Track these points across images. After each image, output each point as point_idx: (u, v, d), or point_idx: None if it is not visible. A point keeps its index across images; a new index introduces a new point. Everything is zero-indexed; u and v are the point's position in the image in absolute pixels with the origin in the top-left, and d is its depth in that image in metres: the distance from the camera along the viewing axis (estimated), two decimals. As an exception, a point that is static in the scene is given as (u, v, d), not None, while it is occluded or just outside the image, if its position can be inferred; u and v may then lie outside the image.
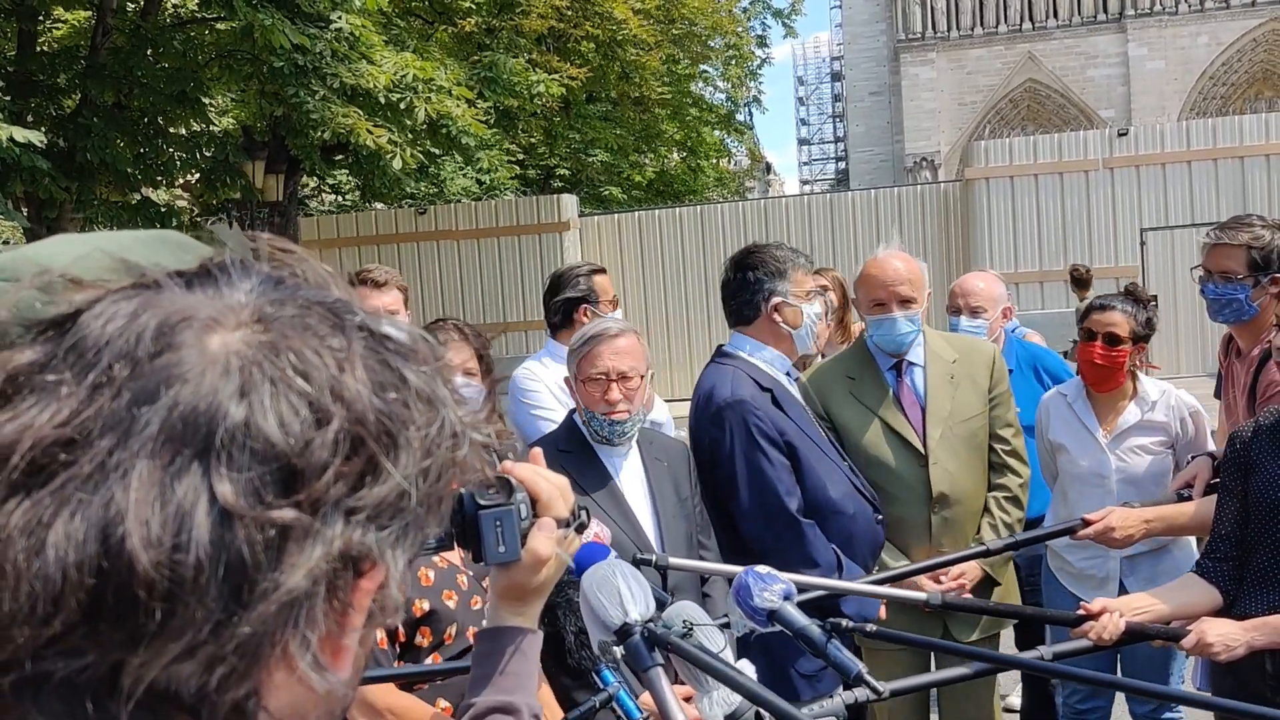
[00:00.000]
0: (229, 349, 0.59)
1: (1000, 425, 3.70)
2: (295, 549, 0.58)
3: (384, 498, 0.61)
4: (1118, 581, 3.76)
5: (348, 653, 0.63)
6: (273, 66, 11.26)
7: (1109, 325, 3.70)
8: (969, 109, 43.42)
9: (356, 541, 0.60)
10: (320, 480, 0.59)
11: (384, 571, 0.63)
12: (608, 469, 3.07)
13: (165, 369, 0.58)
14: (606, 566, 1.67)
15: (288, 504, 0.58)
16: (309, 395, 0.59)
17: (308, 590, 0.58)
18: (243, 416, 0.57)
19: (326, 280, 0.68)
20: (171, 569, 0.55)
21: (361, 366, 0.62)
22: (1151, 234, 15.77)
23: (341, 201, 22.14)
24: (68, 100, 12.44)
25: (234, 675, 0.57)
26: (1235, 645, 2.77)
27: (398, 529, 0.63)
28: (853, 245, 16.69)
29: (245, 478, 0.57)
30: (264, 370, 0.59)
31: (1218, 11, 41.15)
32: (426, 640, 2.44)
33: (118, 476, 0.56)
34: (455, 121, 12.51)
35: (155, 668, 0.56)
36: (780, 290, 3.47)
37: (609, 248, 17.27)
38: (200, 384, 0.58)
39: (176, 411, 0.57)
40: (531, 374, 4.18)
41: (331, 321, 0.64)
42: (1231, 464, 3.02)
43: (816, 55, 66.84)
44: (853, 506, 3.39)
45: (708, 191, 28.97)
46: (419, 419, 0.64)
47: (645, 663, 1.62)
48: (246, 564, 0.56)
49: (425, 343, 0.68)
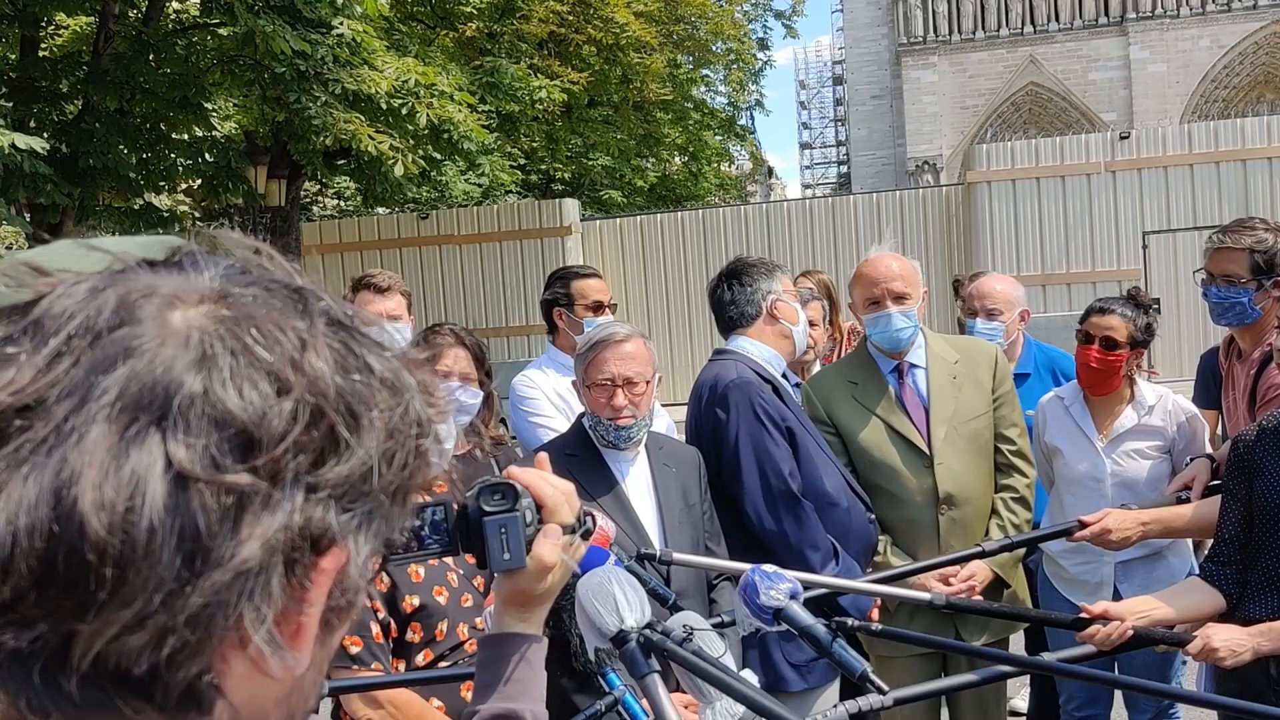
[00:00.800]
0: (190, 323, 0.59)
1: (1006, 426, 3.71)
2: (252, 518, 0.57)
3: (347, 476, 0.61)
4: (1112, 587, 3.76)
5: (305, 634, 0.62)
6: (275, 72, 11.27)
7: (1106, 329, 3.69)
8: (971, 112, 43.40)
9: (318, 519, 0.60)
10: (278, 447, 0.58)
11: (345, 555, 0.62)
12: (614, 473, 3.08)
13: (124, 340, 0.58)
14: (602, 573, 1.67)
15: (244, 469, 0.57)
16: (269, 366, 0.59)
17: (263, 561, 0.58)
18: (201, 386, 0.57)
19: (292, 273, 0.68)
20: (124, 533, 0.54)
21: (324, 346, 0.62)
22: (1154, 237, 15.74)
23: (343, 206, 22.16)
24: (70, 106, 12.46)
25: (186, 650, 0.57)
26: (1241, 651, 2.76)
27: (361, 514, 0.62)
28: (855, 249, 16.66)
29: (202, 444, 0.56)
30: (224, 343, 0.59)
31: (1219, 15, 41.13)
32: (418, 636, 2.47)
33: (72, 442, 0.55)
34: (457, 126, 12.52)
35: (104, 637, 0.55)
36: (775, 290, 3.55)
37: (610, 252, 17.27)
38: (159, 354, 0.57)
39: (135, 380, 0.56)
40: (530, 382, 4.18)
41: (296, 304, 0.64)
42: (1235, 468, 3.02)
43: (818, 59, 66.89)
44: (846, 501, 3.41)
45: (709, 196, 28.98)
46: (382, 402, 0.64)
47: (642, 669, 1.62)
48: (201, 530, 0.56)
49: (389, 337, 0.68)
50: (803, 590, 1.90)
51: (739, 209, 18.77)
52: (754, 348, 3.54)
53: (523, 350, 15.78)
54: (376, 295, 4.03)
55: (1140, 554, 3.77)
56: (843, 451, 3.63)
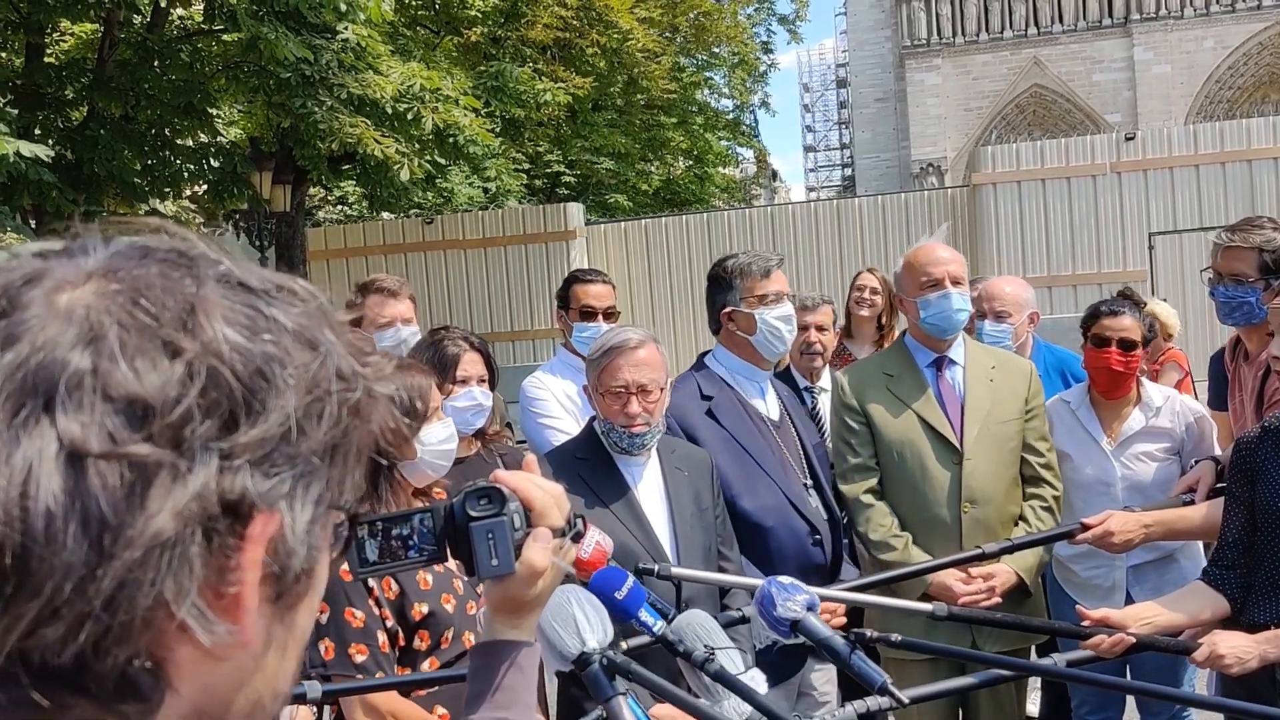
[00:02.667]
0: (76, 301, 0.58)
1: (1036, 438, 3.69)
2: (160, 491, 0.55)
3: (263, 439, 0.59)
4: (1124, 591, 3.73)
5: (243, 605, 0.60)
6: (279, 78, 11.28)
7: (1123, 330, 3.67)
8: (975, 114, 43.35)
9: (238, 486, 0.58)
10: (174, 412, 0.56)
11: (277, 520, 0.60)
12: (625, 478, 3.06)
13: (8, 328, 0.56)
14: (560, 594, 1.62)
15: (140, 438, 0.55)
16: (158, 334, 0.57)
17: (177, 534, 0.55)
18: (90, 363, 0.55)
19: (193, 242, 0.65)
20: (20, 522, 0.52)
21: (219, 307, 0.60)
22: (1160, 238, 15.70)
23: (348, 212, 22.17)
24: (75, 112, 12.48)
25: (109, 635, 0.54)
26: (1248, 658, 2.74)
27: (290, 477, 0.60)
28: (860, 251, 16.64)
29: (95, 419, 0.55)
30: (111, 315, 0.57)
31: (1223, 15, 41.06)
32: (425, 644, 2.45)
33: None
34: (462, 131, 12.52)
35: (15, 632, 0.53)
36: (730, 299, 3.58)
37: (615, 256, 17.25)
38: (42, 335, 0.56)
39: (19, 366, 0.55)
40: (539, 383, 4.19)
41: (187, 270, 0.62)
42: (1238, 471, 3.00)
43: (821, 62, 66.86)
44: (774, 520, 3.39)
45: (714, 199, 28.96)
46: (297, 358, 0.61)
47: (606, 692, 1.58)
48: (104, 510, 0.54)
49: (307, 290, 0.66)
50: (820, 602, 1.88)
51: (744, 212, 18.75)
52: (724, 359, 3.63)
53: (528, 355, 15.77)
54: (389, 298, 4.05)
55: (1152, 557, 3.75)
56: (870, 443, 3.61)
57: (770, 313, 3.54)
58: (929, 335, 3.66)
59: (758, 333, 3.54)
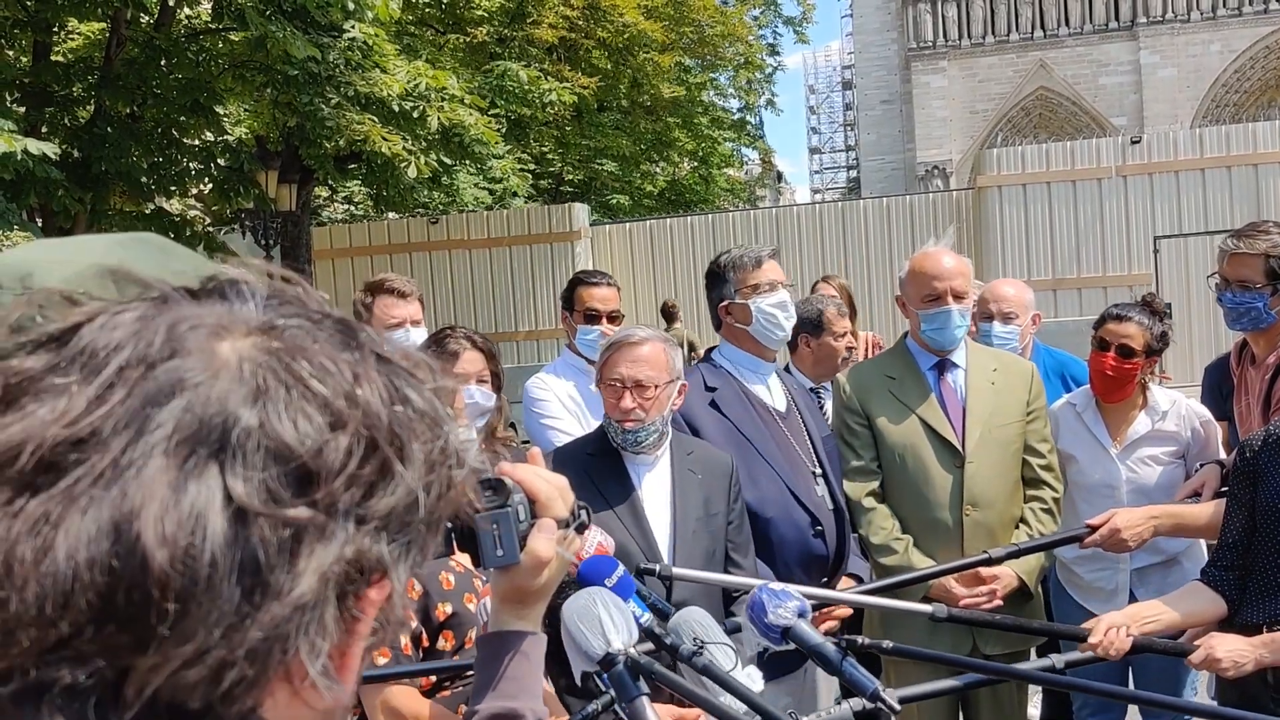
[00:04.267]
0: (240, 354, 0.59)
1: (1037, 440, 3.69)
2: (308, 551, 0.57)
3: (394, 508, 0.61)
4: (1128, 593, 3.73)
5: (351, 665, 0.63)
6: (287, 75, 11.30)
7: (1124, 337, 3.67)
8: (981, 117, 43.31)
9: (368, 550, 0.60)
10: (336, 482, 0.58)
11: (390, 586, 0.62)
12: (631, 477, 3.05)
13: (177, 370, 0.57)
14: (587, 595, 1.65)
15: (303, 503, 0.57)
16: (324, 399, 0.59)
17: (319, 594, 0.57)
18: (257, 419, 0.57)
19: (326, 305, 0.68)
20: (186, 567, 0.54)
21: (376, 378, 0.62)
22: (1165, 241, 15.68)
23: (354, 211, 22.19)
24: (82, 111, 12.50)
25: (242, 683, 0.56)
26: (1244, 662, 2.76)
27: (403, 543, 0.63)
28: (865, 253, 16.66)
29: (260, 477, 0.56)
30: (277, 375, 0.59)
31: (1229, 19, 40.99)
32: (449, 644, 2.45)
33: (131, 474, 0.55)
34: (468, 130, 12.53)
35: (164, 672, 0.54)
36: (726, 293, 3.62)
37: (620, 256, 17.27)
38: (214, 387, 0.57)
39: (191, 412, 0.56)
40: (543, 384, 4.20)
41: (343, 335, 0.64)
42: (1240, 473, 3.01)
43: (827, 64, 66.84)
44: (774, 510, 3.39)
45: (719, 200, 28.95)
46: (423, 434, 0.64)
47: (631, 693, 1.61)
48: (260, 563, 0.56)
49: (427, 366, 0.68)
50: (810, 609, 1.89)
51: (748, 213, 18.77)
52: (729, 353, 3.66)
53: (532, 355, 15.78)
54: (399, 300, 4.05)
55: (1156, 560, 3.75)
56: (871, 445, 3.62)
57: (764, 301, 3.56)
58: (929, 345, 3.68)
59: (754, 322, 3.56)
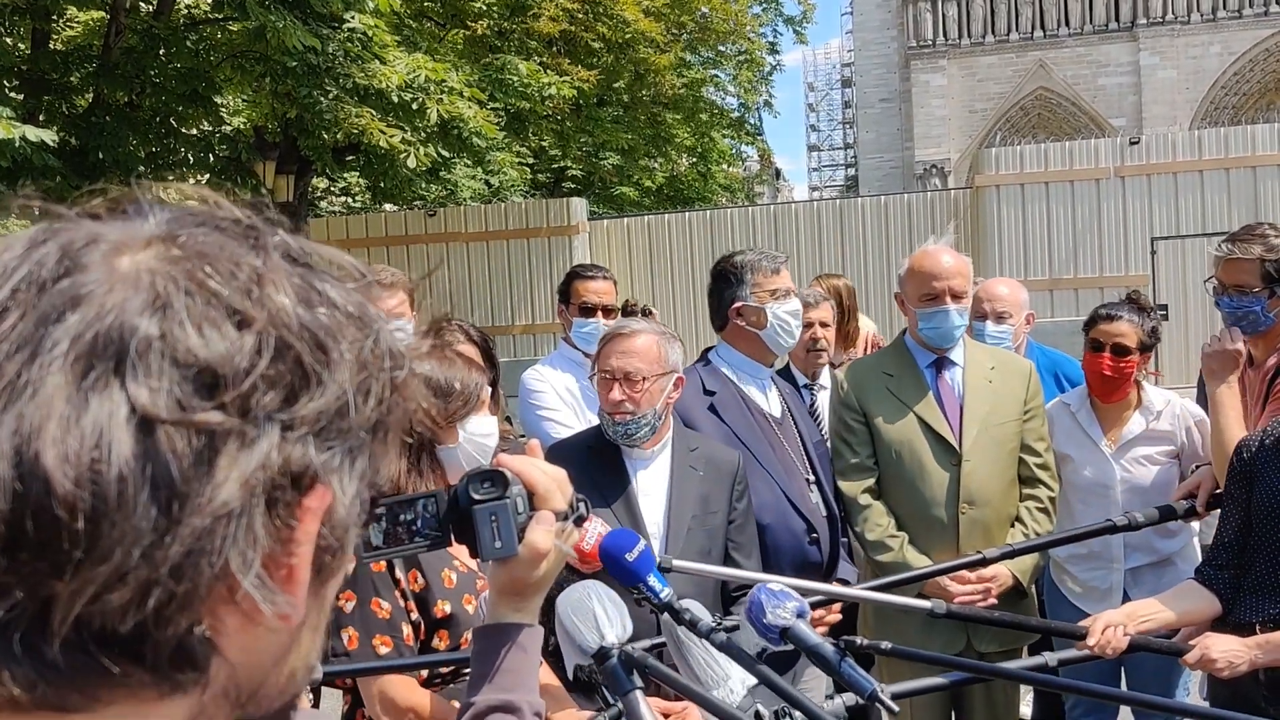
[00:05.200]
0: (139, 265, 0.57)
1: (1034, 439, 3.70)
2: (227, 459, 0.55)
3: (321, 411, 0.59)
4: (1121, 593, 3.74)
5: (297, 577, 0.60)
6: (286, 66, 11.28)
7: (1117, 336, 3.68)
8: (979, 116, 43.33)
9: (297, 456, 0.58)
10: (245, 383, 0.56)
11: (330, 493, 0.60)
12: (627, 471, 3.04)
13: (72, 289, 0.56)
14: (581, 588, 1.66)
15: (212, 407, 0.55)
16: (226, 302, 0.57)
17: (244, 503, 0.56)
18: (157, 328, 0.55)
19: (243, 213, 0.65)
20: (93, 485, 0.52)
21: (284, 279, 0.60)
22: (1162, 243, 15.69)
23: (351, 203, 22.17)
24: (80, 99, 12.48)
25: (173, 603, 0.54)
26: (1239, 662, 2.77)
27: (341, 450, 0.61)
28: (863, 251, 16.65)
29: (165, 385, 0.54)
30: (177, 282, 0.57)
31: (1230, 21, 41.02)
32: (444, 644, 2.43)
33: (28, 395, 0.53)
34: (467, 123, 12.51)
35: (84, 597, 0.52)
36: (740, 294, 3.61)
37: (618, 252, 17.25)
38: (109, 299, 0.55)
39: (87, 328, 0.54)
40: (539, 376, 4.22)
41: (249, 239, 0.62)
42: (1237, 473, 3.02)
43: (827, 62, 66.84)
44: (770, 517, 3.40)
45: (717, 197, 28.94)
46: (350, 334, 0.62)
47: (624, 687, 1.61)
48: (174, 475, 0.54)
49: (354, 267, 0.66)
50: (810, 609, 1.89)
51: (746, 210, 18.74)
52: (727, 355, 3.64)
53: (529, 349, 15.76)
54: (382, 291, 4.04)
55: (1150, 560, 3.77)
56: (868, 442, 3.63)
57: (781, 307, 3.58)
58: (926, 343, 3.68)
59: (768, 327, 3.57)
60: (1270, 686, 2.85)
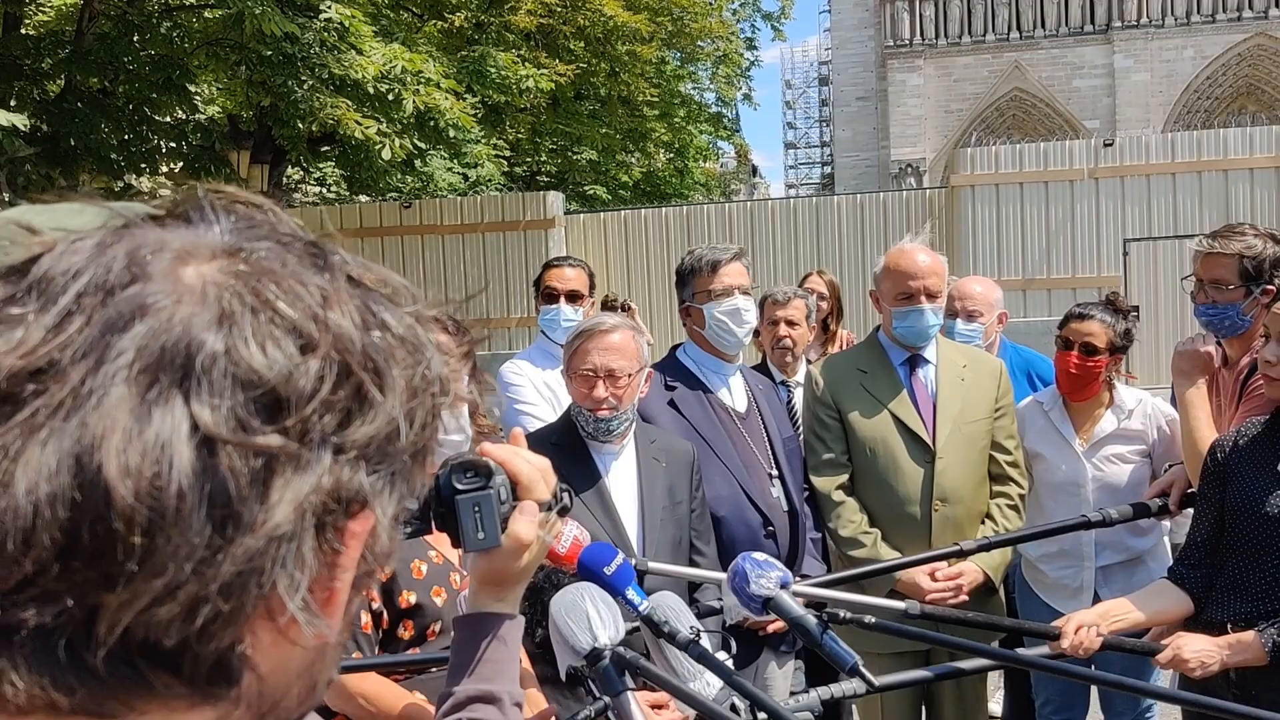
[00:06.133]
0: (205, 278, 0.57)
1: (1004, 436, 3.73)
2: (281, 481, 0.55)
3: (373, 436, 0.59)
4: (1092, 592, 3.76)
5: (337, 600, 0.60)
6: (261, 55, 11.19)
7: (1086, 335, 3.70)
8: (955, 117, 43.53)
9: (347, 480, 0.58)
10: (307, 408, 0.56)
11: (373, 518, 0.60)
12: (597, 466, 3.05)
13: (138, 297, 0.55)
14: (575, 590, 1.66)
15: (273, 430, 0.55)
16: (293, 323, 0.57)
17: (295, 526, 0.56)
18: (223, 345, 0.55)
19: (298, 228, 0.65)
20: (152, 499, 0.52)
21: (348, 301, 0.60)
22: (1135, 244, 15.82)
23: (326, 194, 22.03)
24: (52, 85, 12.34)
25: (219, 620, 0.54)
26: (1211, 663, 2.79)
27: (386, 475, 0.60)
28: (838, 249, 16.70)
29: (228, 404, 0.54)
30: (243, 299, 0.56)
31: (1203, 25, 41.37)
32: (409, 634, 2.41)
33: (92, 404, 0.52)
34: (443, 115, 12.45)
35: (133, 609, 0.52)
36: (684, 296, 3.70)
37: (594, 246, 17.23)
38: (176, 312, 0.55)
39: (153, 339, 0.54)
40: (517, 369, 4.22)
41: (314, 259, 0.62)
42: (1211, 473, 3.04)
43: (804, 59, 66.95)
44: (726, 510, 3.42)
45: (694, 193, 28.95)
46: (403, 360, 0.62)
47: (616, 688, 1.62)
48: (231, 494, 0.53)
49: (406, 291, 0.66)
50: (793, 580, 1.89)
51: (723, 206, 18.77)
52: (692, 351, 3.70)
53: (504, 343, 15.73)
54: None
55: (1121, 558, 3.80)
56: (842, 438, 3.64)
57: (716, 308, 3.60)
58: (900, 341, 3.69)
59: (707, 327, 3.61)
60: (1240, 685, 2.88)
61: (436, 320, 3.19)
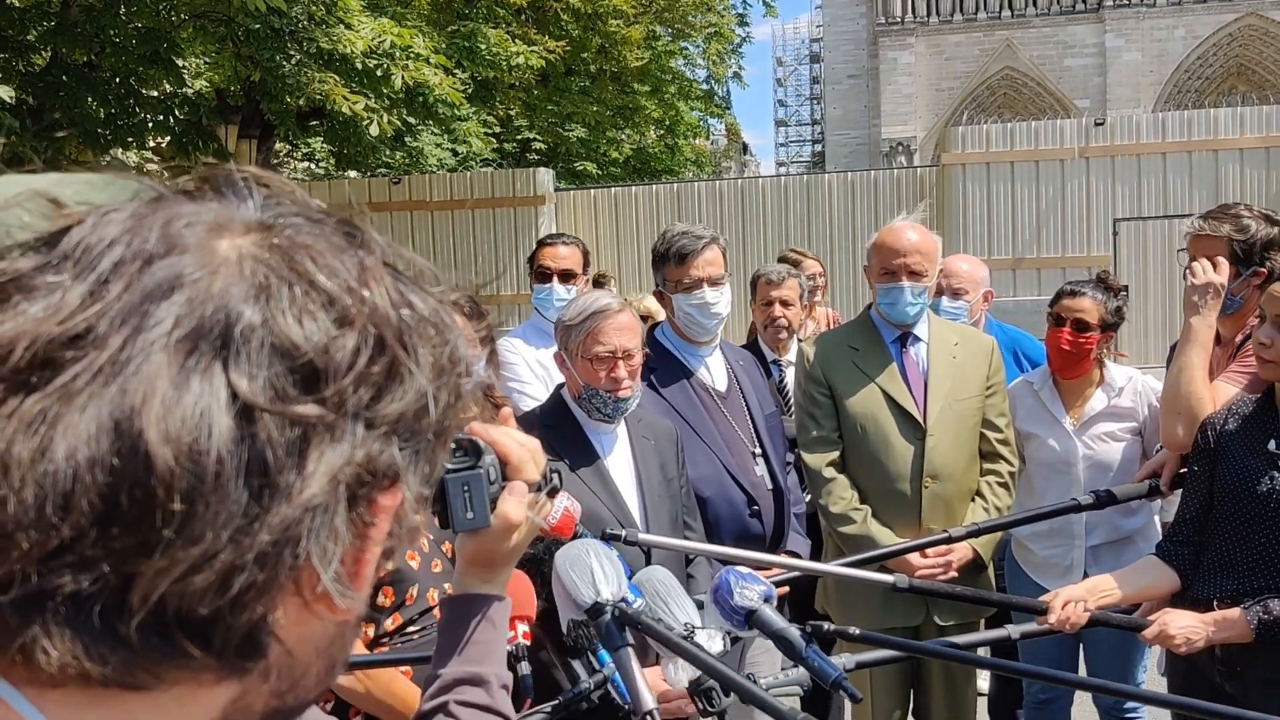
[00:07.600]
0: (240, 251, 0.57)
1: (995, 414, 3.74)
2: (317, 452, 0.56)
3: (403, 412, 0.60)
4: (1082, 571, 3.78)
5: (364, 574, 0.61)
6: (248, 29, 11.09)
7: (1077, 311, 3.71)
8: (946, 95, 43.45)
9: (379, 453, 0.58)
10: (344, 380, 0.57)
11: (400, 495, 0.61)
12: (595, 446, 3.04)
13: (174, 266, 0.55)
14: (580, 545, 1.66)
15: (311, 400, 0.56)
16: (330, 295, 0.58)
17: (329, 497, 0.56)
18: (260, 316, 0.55)
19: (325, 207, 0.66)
20: (191, 466, 0.52)
21: (384, 278, 0.61)
22: (1124, 224, 15.86)
23: (315, 170, 21.92)
24: (38, 58, 12.22)
25: (252, 590, 0.55)
26: (1196, 639, 2.81)
27: (412, 451, 0.61)
28: (828, 227, 16.71)
29: (266, 374, 0.54)
30: (279, 272, 0.57)
31: (1194, 5, 41.33)
32: (388, 600, 2.43)
33: (131, 370, 0.52)
34: (433, 90, 12.38)
35: (169, 577, 0.52)
36: (657, 279, 3.71)
37: (584, 223, 17.20)
38: (213, 283, 0.55)
39: (191, 309, 0.54)
40: (510, 347, 4.21)
41: (349, 235, 0.62)
42: (1201, 450, 3.06)
43: (795, 36, 66.71)
44: (710, 490, 3.43)
45: (684, 171, 28.88)
46: (431, 339, 0.63)
47: (616, 642, 1.63)
48: (268, 463, 0.54)
49: (430, 273, 0.67)
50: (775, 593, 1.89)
51: (713, 184, 18.73)
52: (670, 331, 3.72)
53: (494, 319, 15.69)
54: None
55: (1110, 538, 3.82)
56: (833, 415, 3.64)
57: (686, 301, 3.61)
58: (886, 319, 3.69)
59: (677, 317, 3.63)
60: (1225, 662, 2.90)
61: (455, 304, 3.21)
